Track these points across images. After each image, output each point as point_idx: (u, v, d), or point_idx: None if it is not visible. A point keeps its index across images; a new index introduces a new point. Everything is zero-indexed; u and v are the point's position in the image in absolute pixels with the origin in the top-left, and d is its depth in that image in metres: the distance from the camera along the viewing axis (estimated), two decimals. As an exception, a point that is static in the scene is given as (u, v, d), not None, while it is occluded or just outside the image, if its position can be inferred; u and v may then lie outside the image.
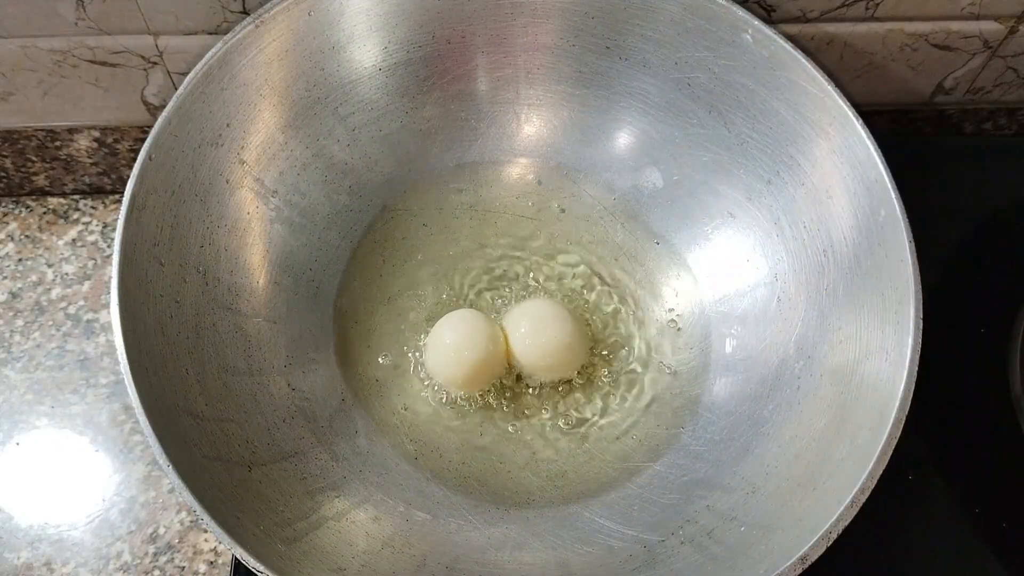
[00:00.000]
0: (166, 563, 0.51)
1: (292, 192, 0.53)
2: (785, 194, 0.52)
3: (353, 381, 0.52)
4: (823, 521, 0.40)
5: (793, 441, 0.47)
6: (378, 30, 0.53)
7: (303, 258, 0.54)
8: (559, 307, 0.53)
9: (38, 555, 0.51)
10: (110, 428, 0.55)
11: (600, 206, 0.58)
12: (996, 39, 0.57)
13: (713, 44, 0.52)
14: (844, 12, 0.55)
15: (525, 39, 0.55)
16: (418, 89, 0.56)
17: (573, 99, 0.57)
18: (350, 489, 0.48)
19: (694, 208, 0.56)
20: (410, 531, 0.47)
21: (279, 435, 0.48)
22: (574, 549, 0.48)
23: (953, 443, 0.54)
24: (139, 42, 0.53)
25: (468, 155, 0.58)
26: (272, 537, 0.43)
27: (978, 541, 0.51)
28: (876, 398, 0.43)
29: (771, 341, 0.51)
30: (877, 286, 0.46)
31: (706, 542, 0.45)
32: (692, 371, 0.53)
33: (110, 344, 0.58)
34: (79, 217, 0.63)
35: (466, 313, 0.52)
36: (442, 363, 0.51)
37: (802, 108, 0.50)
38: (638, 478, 0.50)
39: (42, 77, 0.55)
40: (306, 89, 0.53)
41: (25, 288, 0.60)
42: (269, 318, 0.51)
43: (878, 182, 0.47)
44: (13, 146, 0.60)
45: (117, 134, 0.59)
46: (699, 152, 0.55)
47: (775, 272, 0.52)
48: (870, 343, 0.46)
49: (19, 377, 0.57)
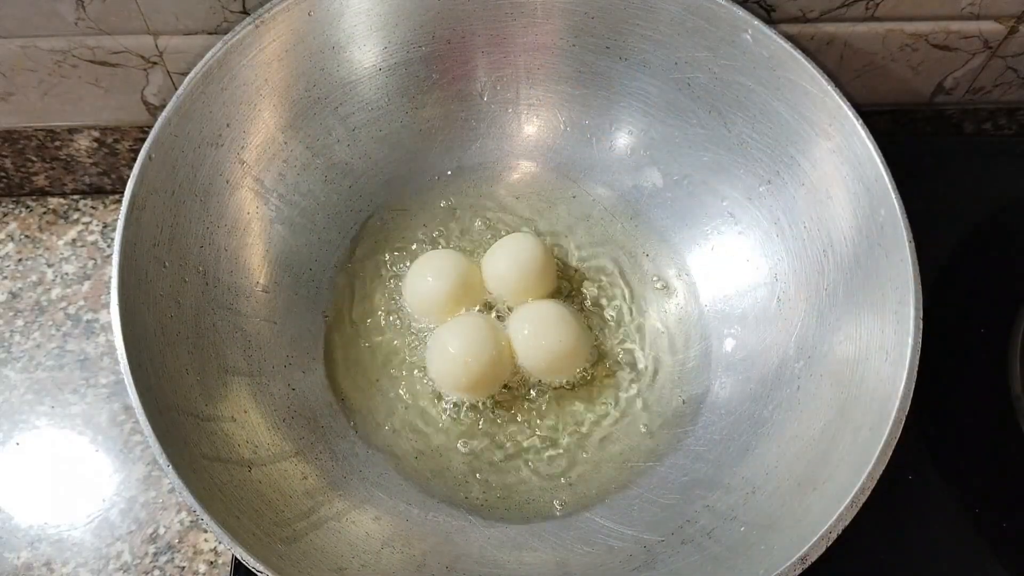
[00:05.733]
0: (166, 563, 0.51)
1: (292, 192, 0.53)
2: (785, 194, 0.52)
3: (353, 381, 0.52)
4: (823, 521, 0.40)
5: (793, 441, 0.47)
6: (378, 30, 0.53)
7: (303, 258, 0.54)
8: (562, 308, 0.53)
9: (38, 555, 0.51)
10: (110, 428, 0.55)
11: (600, 206, 0.58)
12: (996, 39, 0.57)
13: (713, 44, 0.52)
14: (844, 12, 0.55)
15: (525, 39, 0.55)
16: (418, 89, 0.56)
17: (573, 99, 0.57)
18: (350, 489, 0.48)
19: (694, 208, 0.56)
20: (410, 531, 0.47)
21: (279, 435, 0.48)
22: (574, 549, 0.48)
23: (953, 443, 0.54)
24: (139, 42, 0.53)
25: (468, 155, 0.58)
26: (272, 537, 0.43)
27: (978, 541, 0.51)
28: (876, 398, 0.43)
29: (771, 341, 0.51)
30: (877, 286, 0.46)
31: (706, 542, 0.45)
32: (692, 371, 0.53)
33: (110, 344, 0.58)
34: (79, 217, 0.63)
35: (470, 319, 0.52)
36: (446, 370, 0.51)
37: (802, 108, 0.50)
38: (638, 478, 0.50)
39: (42, 77, 0.55)
40: (306, 89, 0.53)
41: (25, 288, 0.60)
42: (269, 318, 0.51)
43: (878, 182, 0.47)
44: (13, 146, 0.60)
45: (117, 134, 0.59)
46: (699, 152, 0.55)
47: (775, 272, 0.52)
48: (870, 343, 0.46)
49: (19, 377, 0.57)
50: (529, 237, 0.55)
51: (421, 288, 0.53)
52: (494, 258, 0.54)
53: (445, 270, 0.53)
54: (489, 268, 0.54)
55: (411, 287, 0.54)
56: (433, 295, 0.53)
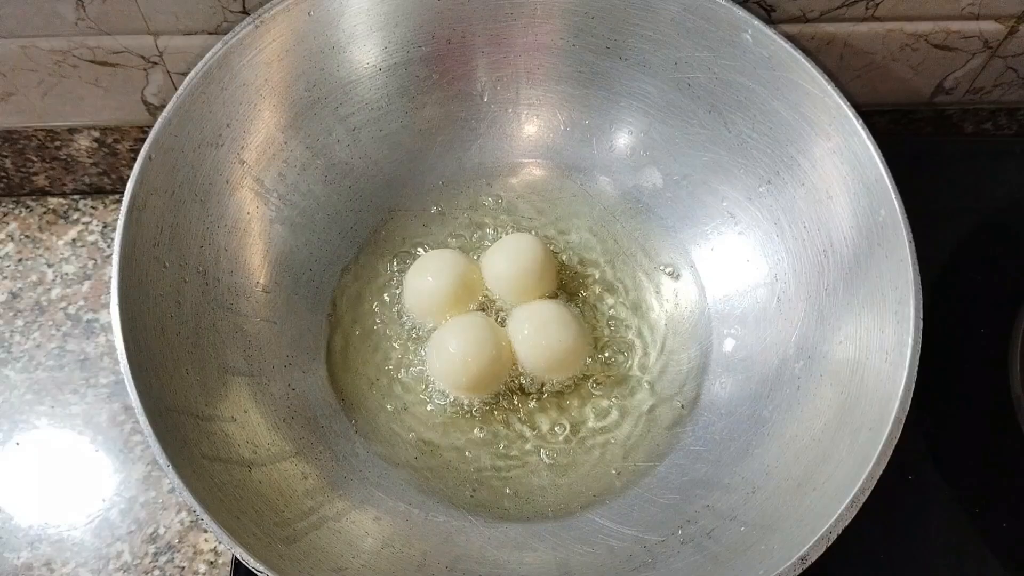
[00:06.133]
0: (166, 563, 0.51)
1: (292, 192, 0.53)
2: (785, 194, 0.52)
3: (353, 381, 0.52)
4: (823, 521, 0.40)
5: (793, 441, 0.47)
6: (378, 30, 0.53)
7: (303, 258, 0.54)
8: (562, 308, 0.53)
9: (38, 555, 0.51)
10: (110, 428, 0.55)
11: (600, 206, 0.58)
12: (996, 39, 0.57)
13: (713, 44, 0.52)
14: (844, 12, 0.55)
15: (525, 39, 0.55)
16: (418, 89, 0.56)
17: (573, 99, 0.57)
18: (350, 489, 0.48)
19: (694, 208, 0.56)
20: (410, 531, 0.47)
21: (279, 435, 0.48)
22: (574, 549, 0.48)
23: (953, 443, 0.54)
24: (139, 42, 0.53)
25: (468, 155, 0.58)
26: (272, 537, 0.43)
27: (978, 541, 0.51)
28: (876, 398, 0.44)
29: (771, 341, 0.51)
30: (877, 286, 0.46)
31: (706, 542, 0.45)
32: (692, 371, 0.53)
33: (110, 344, 0.58)
34: (79, 217, 0.63)
35: (470, 319, 0.52)
36: (447, 370, 0.51)
37: (802, 108, 0.50)
38: (638, 478, 0.50)
39: (42, 77, 0.55)
40: (306, 89, 0.53)
41: (25, 288, 0.60)
42: (269, 318, 0.51)
43: (878, 182, 0.47)
44: (13, 146, 0.60)
45: (117, 134, 0.59)
46: (699, 152, 0.55)
47: (775, 272, 0.52)
48: (870, 343, 0.46)
49: (19, 377, 0.57)
50: (529, 237, 0.54)
51: (421, 288, 0.53)
52: (494, 258, 0.54)
53: (445, 270, 0.53)
54: (489, 268, 0.54)
55: (411, 287, 0.54)
56: (433, 295, 0.53)
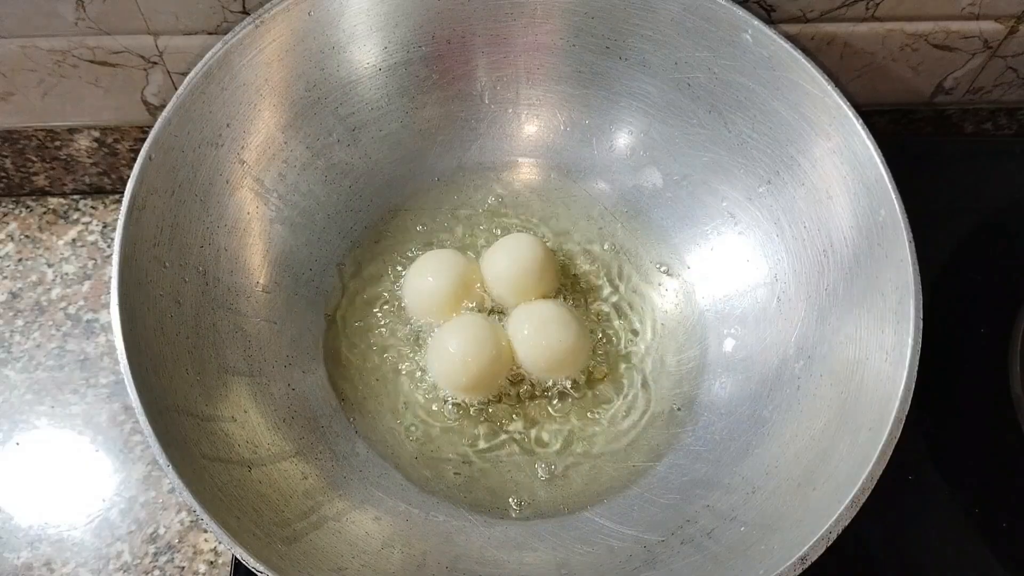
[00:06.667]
0: (166, 563, 0.51)
1: (292, 192, 0.53)
2: (785, 194, 0.52)
3: (353, 381, 0.52)
4: (823, 521, 0.40)
5: (793, 441, 0.47)
6: (378, 30, 0.53)
7: (303, 258, 0.54)
8: (562, 308, 0.53)
9: (38, 555, 0.51)
10: (110, 428, 0.55)
11: (600, 206, 0.58)
12: (996, 39, 0.57)
13: (713, 44, 0.52)
14: (844, 12, 0.55)
15: (525, 39, 0.55)
16: (418, 89, 0.56)
17: (573, 99, 0.57)
18: (350, 489, 0.48)
19: (694, 208, 0.56)
20: (410, 531, 0.47)
21: (279, 435, 0.48)
22: (574, 549, 0.48)
23: (953, 443, 0.54)
24: (139, 42, 0.53)
25: (468, 155, 0.58)
26: (272, 537, 0.43)
27: (978, 541, 0.51)
28: (876, 398, 0.43)
29: (771, 341, 0.51)
30: (877, 286, 0.46)
31: (706, 542, 0.45)
32: (692, 371, 0.53)
33: (110, 344, 0.58)
34: (79, 217, 0.63)
35: (470, 319, 0.52)
36: (446, 370, 0.51)
37: (802, 108, 0.50)
38: (638, 478, 0.50)
39: (42, 77, 0.55)
40: (306, 89, 0.53)
41: (25, 288, 0.60)
42: (269, 318, 0.51)
43: (878, 182, 0.47)
44: (13, 146, 0.60)
45: (117, 134, 0.59)
46: (699, 152, 0.55)
47: (775, 272, 0.52)
48: (870, 343, 0.46)
49: (19, 377, 0.57)
50: (529, 237, 0.55)
51: (421, 288, 0.53)
52: (494, 258, 0.54)
53: (445, 270, 0.53)
54: (489, 268, 0.54)
55: (411, 287, 0.54)
56: (433, 295, 0.53)
